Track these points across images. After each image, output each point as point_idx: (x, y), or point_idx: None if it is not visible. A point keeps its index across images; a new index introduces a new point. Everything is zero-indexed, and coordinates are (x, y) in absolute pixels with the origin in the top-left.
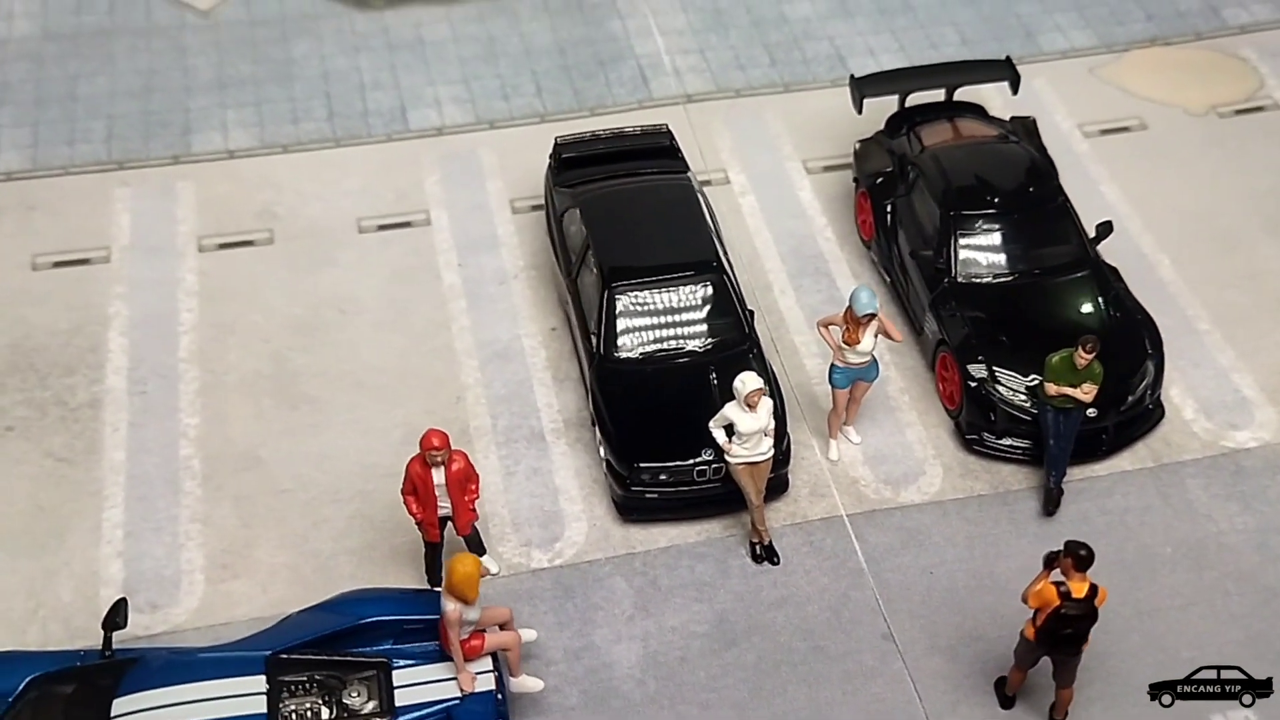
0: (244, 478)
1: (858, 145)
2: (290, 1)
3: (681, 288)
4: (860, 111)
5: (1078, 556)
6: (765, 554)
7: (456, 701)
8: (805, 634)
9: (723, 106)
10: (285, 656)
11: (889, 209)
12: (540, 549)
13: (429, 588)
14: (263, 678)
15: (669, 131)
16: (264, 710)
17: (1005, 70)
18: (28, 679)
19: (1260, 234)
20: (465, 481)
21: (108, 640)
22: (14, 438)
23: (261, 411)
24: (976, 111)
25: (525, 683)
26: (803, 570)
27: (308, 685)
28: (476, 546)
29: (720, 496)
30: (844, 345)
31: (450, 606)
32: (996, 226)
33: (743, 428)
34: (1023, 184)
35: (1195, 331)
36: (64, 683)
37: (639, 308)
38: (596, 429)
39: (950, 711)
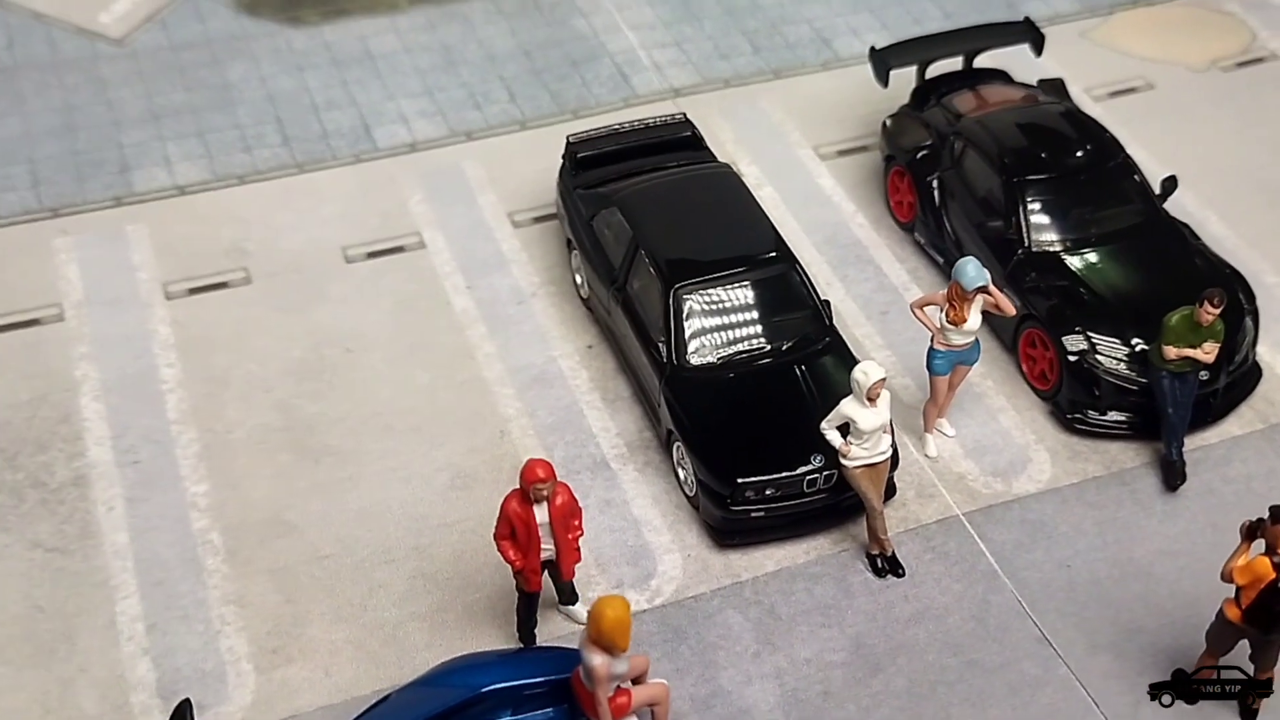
0: (275, 547)
1: (888, 122)
2: (213, 23)
3: (752, 283)
4: (885, 84)
5: None
6: (888, 566)
7: None
8: (954, 649)
9: (714, 98)
10: None
11: (935, 185)
12: (635, 589)
13: (542, 645)
14: None
15: (689, 120)
16: None
17: (1027, 32)
18: None
19: None
20: (569, 518)
21: None
22: None
23: (280, 470)
24: (1002, 77)
25: None
26: (932, 579)
27: None
28: (569, 595)
29: (829, 509)
30: (948, 325)
31: (597, 660)
32: (1064, 189)
33: (864, 424)
34: (1080, 144)
35: (1265, 285)
36: None
37: (708, 308)
38: (677, 447)
39: (1131, 714)
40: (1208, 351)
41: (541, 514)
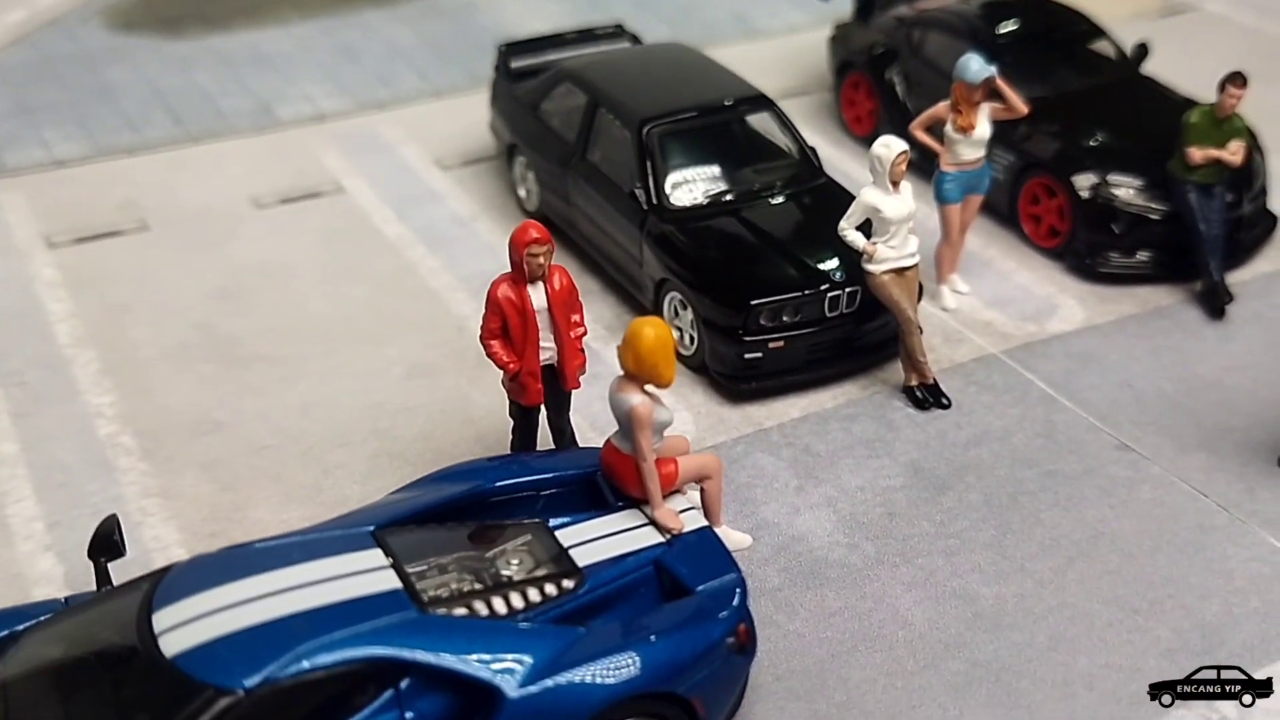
0: (203, 443)
1: (835, 30)
2: (86, 40)
3: (730, 124)
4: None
5: None
6: (930, 396)
7: (665, 548)
8: (1026, 463)
9: None
10: (398, 530)
11: (897, 79)
12: None
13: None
14: (379, 551)
15: (625, 29)
16: (399, 585)
17: None
18: None
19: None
20: (570, 306)
21: (103, 572)
22: None
23: (203, 378)
24: None
25: (731, 536)
26: (982, 407)
27: (441, 566)
28: (568, 438)
29: (853, 343)
30: (955, 136)
31: (636, 399)
32: (1039, 49)
33: (889, 213)
34: (1044, 13)
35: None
36: (50, 637)
37: (685, 149)
38: (671, 298)
39: (1248, 498)
40: (1234, 151)
41: (539, 297)
